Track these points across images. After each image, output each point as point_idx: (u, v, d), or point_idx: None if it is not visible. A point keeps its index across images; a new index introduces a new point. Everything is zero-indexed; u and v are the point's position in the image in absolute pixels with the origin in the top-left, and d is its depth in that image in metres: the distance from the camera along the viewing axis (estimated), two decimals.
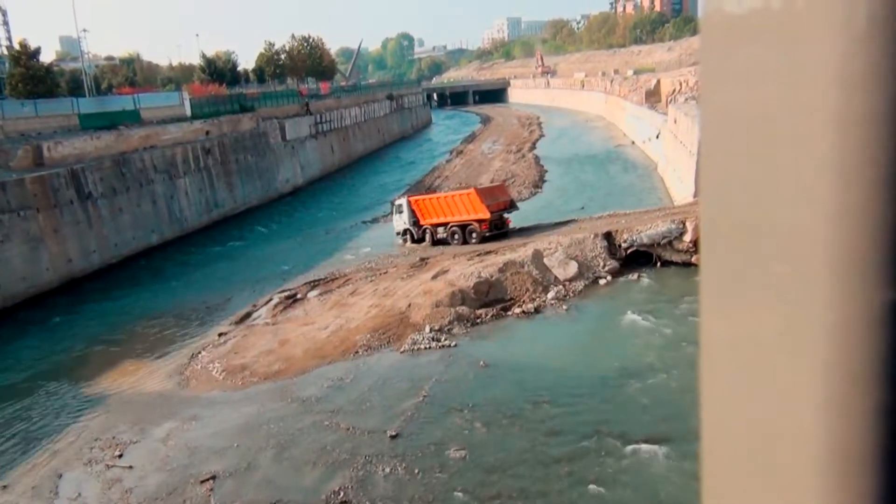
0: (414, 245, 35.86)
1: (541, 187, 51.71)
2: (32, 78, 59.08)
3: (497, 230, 33.83)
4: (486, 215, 33.12)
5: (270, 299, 29.26)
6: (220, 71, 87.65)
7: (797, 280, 0.70)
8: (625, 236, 29.75)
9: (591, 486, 15.55)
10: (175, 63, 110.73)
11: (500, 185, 36.41)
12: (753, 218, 0.75)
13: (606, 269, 28.49)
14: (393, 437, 17.83)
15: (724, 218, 0.80)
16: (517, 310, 25.74)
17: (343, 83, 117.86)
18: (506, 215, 34.60)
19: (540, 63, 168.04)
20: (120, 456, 18.22)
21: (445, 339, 23.52)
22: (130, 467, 17.69)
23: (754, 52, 0.72)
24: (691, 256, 28.35)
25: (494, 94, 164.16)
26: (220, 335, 25.89)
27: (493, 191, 35.94)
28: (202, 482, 16.71)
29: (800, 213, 0.69)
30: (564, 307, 25.93)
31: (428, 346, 23.14)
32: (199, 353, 24.45)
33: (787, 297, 0.71)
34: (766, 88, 0.71)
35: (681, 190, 39.65)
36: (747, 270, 0.77)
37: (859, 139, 0.63)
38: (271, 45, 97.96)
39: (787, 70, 0.68)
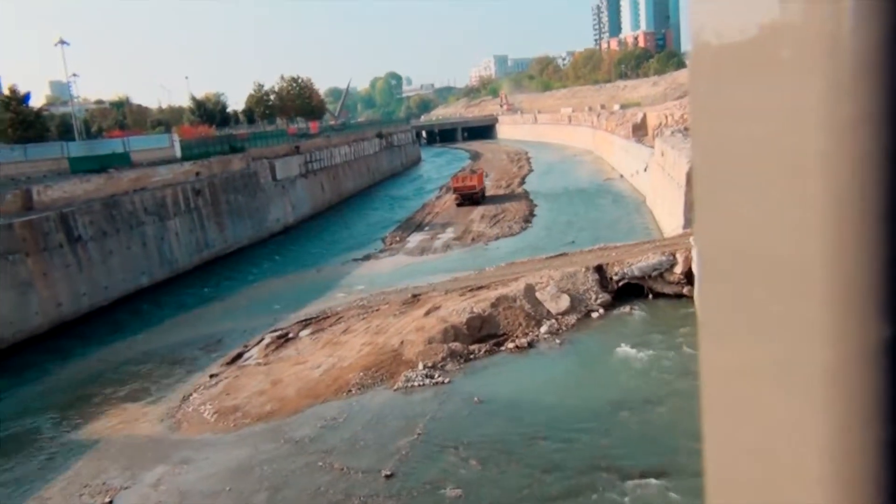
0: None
1: (530, 222, 51.99)
2: (22, 123, 59.16)
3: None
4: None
5: (262, 339, 29.07)
6: (209, 112, 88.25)
7: (793, 315, 0.70)
8: (616, 269, 29.84)
9: None
10: (164, 105, 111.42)
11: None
12: (748, 253, 0.75)
13: (599, 302, 28.51)
14: (388, 476, 17.63)
15: (719, 252, 0.80)
16: (510, 345, 25.66)
17: (332, 122, 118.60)
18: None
19: (504, 102, 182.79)
20: (110, 502, 17.92)
21: (439, 376, 23.39)
22: None
23: (742, 90, 0.73)
24: (682, 288, 28.42)
25: (483, 131, 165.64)
26: (211, 376, 25.65)
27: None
28: None
29: (793, 248, 0.69)
30: (558, 341, 25.87)
31: (421, 383, 22.99)
32: (191, 395, 24.20)
33: (784, 333, 0.71)
34: (755, 125, 0.72)
35: (670, 222, 39.86)
36: (743, 305, 0.77)
37: (850, 178, 0.64)
38: (261, 86, 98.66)
39: (775, 109, 0.69)
